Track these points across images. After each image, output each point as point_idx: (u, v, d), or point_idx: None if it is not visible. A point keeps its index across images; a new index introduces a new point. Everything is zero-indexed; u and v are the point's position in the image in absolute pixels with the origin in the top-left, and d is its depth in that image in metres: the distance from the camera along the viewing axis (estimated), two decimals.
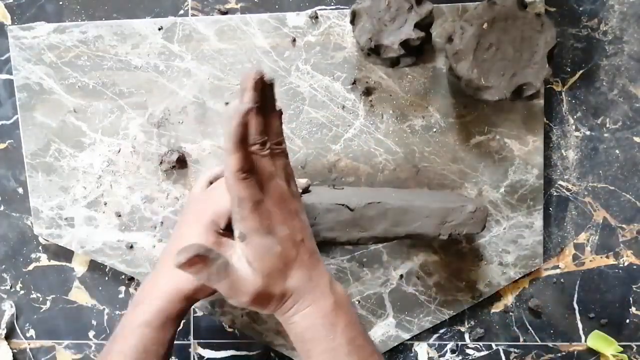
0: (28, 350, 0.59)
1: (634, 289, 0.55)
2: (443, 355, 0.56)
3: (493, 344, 0.56)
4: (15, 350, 0.59)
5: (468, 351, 0.56)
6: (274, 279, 0.37)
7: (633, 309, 0.55)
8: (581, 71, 0.53)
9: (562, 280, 0.55)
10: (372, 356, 0.40)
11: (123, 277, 0.57)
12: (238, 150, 0.35)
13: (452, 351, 0.56)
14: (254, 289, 0.37)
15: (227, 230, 0.45)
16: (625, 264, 0.55)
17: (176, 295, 0.43)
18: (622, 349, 0.54)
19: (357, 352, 0.39)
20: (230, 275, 0.36)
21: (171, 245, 0.46)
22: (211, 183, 0.49)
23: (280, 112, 0.38)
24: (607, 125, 0.54)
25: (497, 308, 0.56)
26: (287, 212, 0.38)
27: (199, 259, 0.34)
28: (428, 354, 0.56)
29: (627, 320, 0.55)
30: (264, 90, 0.36)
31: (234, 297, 0.37)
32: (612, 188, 0.54)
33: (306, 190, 0.46)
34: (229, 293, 0.36)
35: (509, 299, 0.56)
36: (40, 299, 0.58)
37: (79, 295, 0.58)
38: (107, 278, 0.58)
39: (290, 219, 0.38)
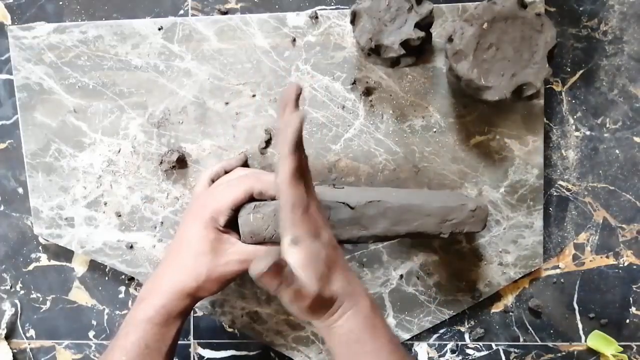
0: (28, 350, 0.59)
1: (634, 289, 0.55)
2: (443, 355, 0.56)
3: (493, 344, 0.56)
4: (15, 350, 0.59)
5: (468, 351, 0.56)
6: (323, 283, 0.37)
7: (633, 309, 0.55)
8: (581, 71, 0.53)
9: (562, 280, 0.55)
10: (407, 355, 0.42)
11: (123, 277, 0.57)
12: (296, 152, 0.36)
13: (452, 351, 0.56)
14: (313, 293, 0.37)
15: (226, 227, 0.45)
16: (625, 264, 0.55)
17: (179, 293, 0.43)
18: (622, 349, 0.54)
19: (397, 350, 0.41)
20: (295, 281, 0.36)
21: (174, 243, 0.47)
22: (213, 181, 0.50)
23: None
24: (607, 125, 0.54)
25: (497, 308, 0.56)
26: (323, 217, 0.39)
27: (277, 267, 0.34)
28: (428, 354, 0.56)
29: (627, 320, 0.55)
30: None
31: (296, 304, 0.36)
32: (612, 188, 0.54)
33: None
34: (293, 299, 0.36)
35: (509, 299, 0.56)
36: (40, 299, 0.58)
37: (79, 295, 0.58)
38: (107, 278, 0.58)
39: (326, 224, 0.40)
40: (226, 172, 0.51)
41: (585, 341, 0.56)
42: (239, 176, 0.47)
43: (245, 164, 0.53)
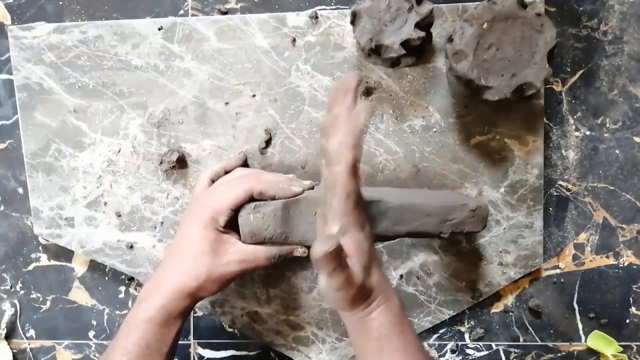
0: (28, 350, 0.59)
1: (634, 289, 0.55)
2: (443, 355, 0.56)
3: (493, 344, 0.56)
4: (15, 350, 0.59)
5: (468, 351, 0.56)
6: (367, 273, 0.38)
7: (633, 309, 0.55)
8: (581, 71, 0.53)
9: (562, 280, 0.55)
10: (429, 355, 0.43)
11: (123, 277, 0.57)
12: (360, 143, 0.37)
13: (452, 351, 0.56)
14: (359, 281, 0.37)
15: (226, 227, 0.45)
16: (625, 264, 0.55)
17: (179, 293, 0.44)
18: (622, 349, 0.54)
19: (423, 350, 0.42)
20: (347, 267, 0.36)
21: (174, 243, 0.47)
22: (213, 181, 0.50)
23: None
24: (607, 125, 0.54)
25: (497, 308, 0.56)
26: (366, 212, 0.40)
27: (337, 250, 0.34)
28: None
29: (627, 320, 0.55)
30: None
31: (342, 291, 0.37)
32: (612, 188, 0.54)
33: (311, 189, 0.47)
34: (342, 286, 0.37)
35: (509, 299, 0.56)
36: (40, 299, 0.58)
37: (79, 295, 0.58)
38: (107, 278, 0.58)
39: (367, 218, 0.40)
40: (226, 172, 0.51)
41: (585, 341, 0.56)
42: (239, 176, 0.48)
43: (245, 164, 0.53)
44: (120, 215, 0.55)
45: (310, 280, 0.55)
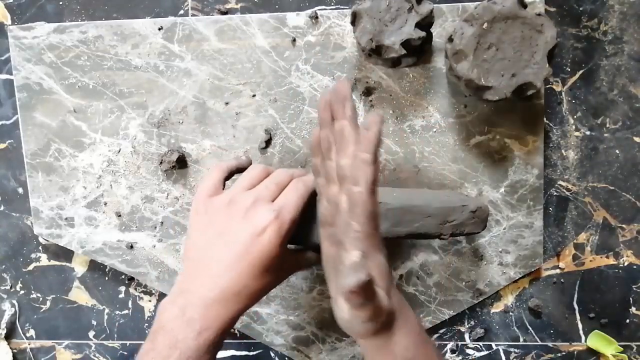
0: (28, 350, 0.59)
1: (634, 289, 0.55)
2: (443, 355, 0.56)
3: (493, 344, 0.56)
4: (15, 350, 0.59)
5: (468, 351, 0.56)
6: (389, 297, 0.36)
7: (633, 309, 0.55)
8: (581, 71, 0.53)
9: (562, 280, 0.55)
10: None
11: (123, 277, 0.57)
12: (378, 158, 0.34)
13: (452, 351, 0.56)
14: (386, 308, 0.35)
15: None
16: (625, 264, 0.55)
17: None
18: (622, 349, 0.54)
19: None
20: (376, 296, 0.33)
21: (198, 272, 0.41)
22: (227, 178, 0.45)
23: None
24: (607, 125, 0.54)
25: (497, 308, 0.56)
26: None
27: (369, 282, 0.31)
28: None
29: (627, 320, 0.55)
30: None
31: (372, 321, 0.34)
32: (612, 188, 0.54)
33: None
34: (371, 317, 0.34)
35: (509, 299, 0.56)
36: (40, 299, 0.58)
37: (79, 295, 0.58)
38: (107, 278, 0.58)
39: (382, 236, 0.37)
40: (238, 171, 0.46)
41: (585, 341, 0.56)
42: (298, 180, 0.44)
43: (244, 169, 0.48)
44: (120, 215, 0.55)
45: (310, 280, 0.55)
